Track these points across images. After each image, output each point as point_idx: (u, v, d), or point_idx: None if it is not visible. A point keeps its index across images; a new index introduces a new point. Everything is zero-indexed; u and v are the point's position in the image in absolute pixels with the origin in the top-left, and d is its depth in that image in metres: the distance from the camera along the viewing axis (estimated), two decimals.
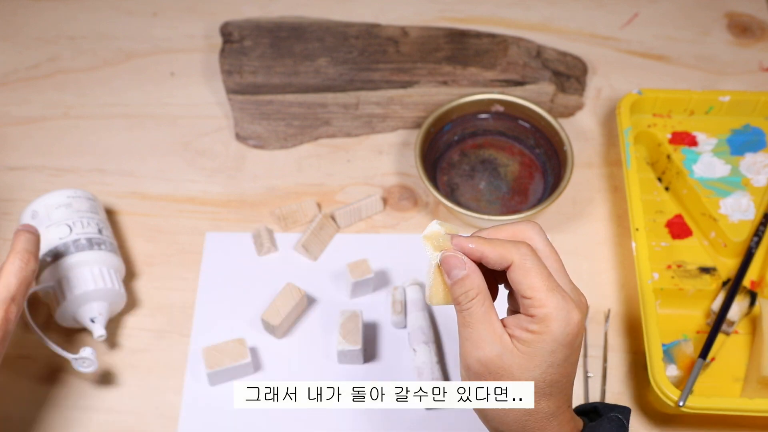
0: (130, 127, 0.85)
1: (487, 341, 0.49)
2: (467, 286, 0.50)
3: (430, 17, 0.94)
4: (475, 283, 0.50)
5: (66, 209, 0.71)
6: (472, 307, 0.50)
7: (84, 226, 0.70)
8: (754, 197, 0.77)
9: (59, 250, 0.68)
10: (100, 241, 0.70)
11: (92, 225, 0.71)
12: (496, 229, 0.53)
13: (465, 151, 0.83)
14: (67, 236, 0.69)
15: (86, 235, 0.70)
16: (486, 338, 0.49)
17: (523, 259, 0.49)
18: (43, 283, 0.68)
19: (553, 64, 0.86)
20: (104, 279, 0.68)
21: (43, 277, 0.68)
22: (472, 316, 0.50)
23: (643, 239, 0.71)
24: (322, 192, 0.81)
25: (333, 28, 0.88)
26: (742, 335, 0.72)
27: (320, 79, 0.83)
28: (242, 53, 0.85)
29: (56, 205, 0.71)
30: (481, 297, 0.50)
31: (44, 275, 0.68)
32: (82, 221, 0.70)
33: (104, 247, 0.70)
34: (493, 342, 0.49)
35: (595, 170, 0.83)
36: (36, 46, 0.91)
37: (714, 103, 0.81)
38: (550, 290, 0.49)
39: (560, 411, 0.50)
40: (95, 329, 0.68)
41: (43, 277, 0.68)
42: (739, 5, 0.96)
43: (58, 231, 0.69)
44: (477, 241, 0.50)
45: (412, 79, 0.83)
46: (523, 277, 0.49)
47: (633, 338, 0.72)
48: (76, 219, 0.70)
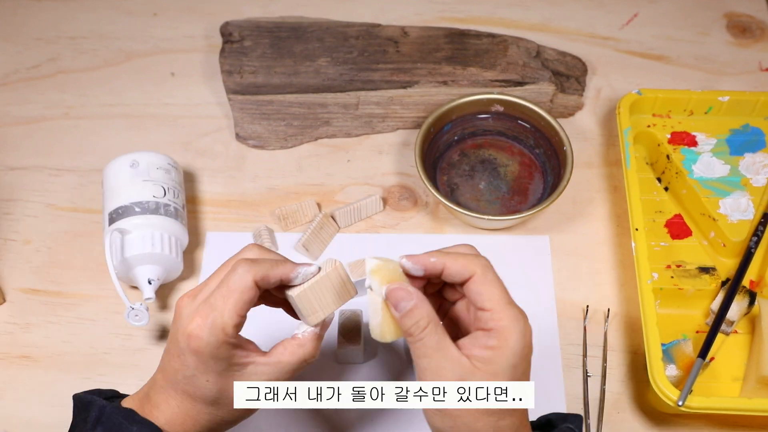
0: (130, 127, 0.85)
1: (446, 369, 0.48)
2: (417, 316, 0.49)
3: (430, 17, 0.94)
4: (425, 312, 0.49)
5: (165, 173, 0.74)
6: (425, 337, 0.49)
7: (175, 195, 0.74)
8: (754, 197, 0.77)
9: (150, 206, 0.71)
10: (182, 215, 0.74)
11: (180, 198, 0.75)
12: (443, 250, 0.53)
13: (465, 151, 0.83)
14: (161, 198, 0.72)
15: (175, 205, 0.73)
16: (445, 366, 0.48)
17: (485, 270, 0.50)
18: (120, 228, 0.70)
19: (552, 64, 0.86)
20: (171, 249, 0.71)
21: (122, 223, 0.70)
22: (426, 346, 0.49)
23: (642, 239, 0.71)
24: (322, 192, 0.81)
25: (333, 28, 0.88)
26: (742, 335, 0.72)
27: (320, 79, 0.83)
28: (242, 53, 0.85)
29: (157, 166, 0.74)
30: (433, 325, 0.49)
31: (125, 222, 0.70)
32: (175, 191, 0.74)
33: (183, 222, 0.74)
34: (453, 369, 0.48)
35: (595, 170, 0.83)
36: (36, 46, 0.91)
37: (713, 103, 0.81)
38: (508, 303, 0.49)
39: (523, 424, 0.51)
40: (147, 290, 0.70)
41: (122, 222, 0.70)
42: (739, 5, 0.96)
43: (155, 189, 0.72)
44: (437, 255, 0.51)
45: (412, 79, 0.83)
46: (485, 288, 0.49)
47: (633, 338, 0.72)
48: (171, 186, 0.74)
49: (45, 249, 0.77)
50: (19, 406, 0.69)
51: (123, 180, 0.73)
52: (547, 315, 0.73)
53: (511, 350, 0.48)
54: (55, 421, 0.67)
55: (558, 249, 0.77)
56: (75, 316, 0.73)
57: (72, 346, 0.72)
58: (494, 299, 0.49)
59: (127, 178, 0.72)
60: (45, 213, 0.79)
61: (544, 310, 0.73)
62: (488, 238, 0.78)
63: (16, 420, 0.68)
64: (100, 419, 0.52)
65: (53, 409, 0.68)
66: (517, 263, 0.76)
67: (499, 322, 0.48)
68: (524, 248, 0.77)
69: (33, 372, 0.70)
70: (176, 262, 0.72)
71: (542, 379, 0.69)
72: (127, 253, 0.69)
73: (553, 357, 0.71)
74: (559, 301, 0.74)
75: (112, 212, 0.71)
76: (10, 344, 0.72)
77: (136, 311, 0.69)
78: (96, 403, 0.53)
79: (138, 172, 0.73)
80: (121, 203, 0.71)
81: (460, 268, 0.50)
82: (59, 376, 0.70)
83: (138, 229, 0.70)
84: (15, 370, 0.70)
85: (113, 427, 0.52)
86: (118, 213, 0.71)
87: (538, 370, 0.70)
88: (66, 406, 0.67)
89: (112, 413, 0.53)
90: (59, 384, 0.70)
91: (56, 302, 0.74)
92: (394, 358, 0.70)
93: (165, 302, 0.75)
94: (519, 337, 0.48)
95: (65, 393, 0.68)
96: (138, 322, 0.69)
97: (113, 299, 0.74)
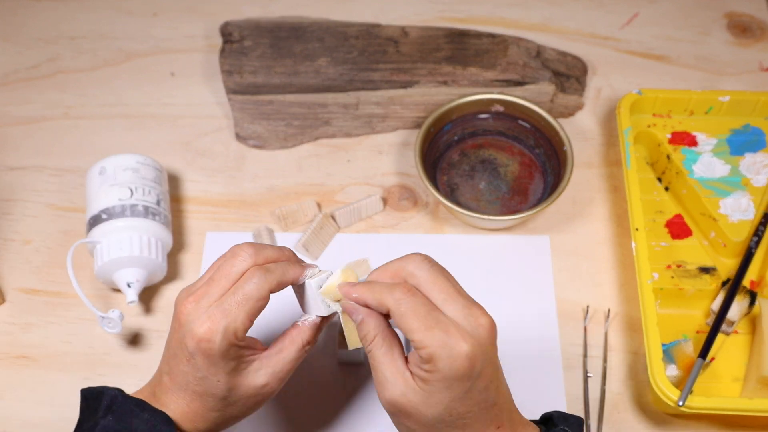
0: (130, 127, 0.85)
1: (390, 381, 0.50)
2: (364, 330, 0.52)
3: (430, 17, 0.94)
4: (371, 326, 0.51)
5: (133, 173, 0.73)
6: (373, 349, 0.51)
7: (145, 193, 0.72)
8: (754, 197, 0.77)
9: (115, 210, 0.71)
10: (155, 212, 0.72)
11: (152, 194, 0.73)
12: (382, 268, 0.53)
13: (465, 151, 0.83)
14: (127, 199, 0.71)
15: (144, 203, 0.72)
16: (389, 378, 0.50)
17: (397, 304, 0.49)
18: (92, 239, 0.70)
19: (553, 64, 0.86)
20: (149, 249, 0.70)
21: (93, 234, 0.70)
22: (374, 358, 0.51)
23: (642, 239, 0.71)
24: (322, 192, 0.81)
25: (333, 28, 0.88)
26: (742, 335, 0.72)
27: (320, 79, 0.83)
28: (242, 53, 0.85)
29: (124, 167, 0.73)
30: (379, 338, 0.51)
31: (94, 232, 0.70)
32: (144, 188, 0.73)
33: (158, 219, 0.72)
34: (395, 382, 0.50)
35: (595, 170, 0.83)
36: (36, 46, 0.91)
37: (714, 103, 0.81)
38: (429, 329, 0.48)
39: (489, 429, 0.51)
40: (129, 294, 0.69)
41: (93, 233, 0.70)
42: (739, 5, 0.96)
43: (120, 192, 0.71)
44: (360, 290, 0.52)
45: (412, 79, 0.83)
46: (401, 322, 0.49)
47: (633, 338, 0.72)
48: (139, 185, 0.72)
49: (45, 249, 0.77)
50: (18, 406, 0.69)
51: (93, 189, 0.73)
52: (548, 315, 0.73)
53: (442, 374, 0.48)
54: (54, 421, 0.67)
55: (558, 249, 0.77)
56: (75, 316, 0.73)
57: (72, 346, 0.72)
58: (412, 329, 0.48)
59: (97, 186, 0.72)
60: (45, 213, 0.79)
61: (544, 310, 0.73)
62: (488, 238, 0.78)
63: (16, 420, 0.68)
64: (111, 407, 0.53)
65: (53, 409, 0.68)
66: (517, 263, 0.76)
67: (424, 351, 0.48)
68: (524, 248, 0.77)
69: (33, 372, 0.70)
70: (155, 261, 0.71)
71: (542, 379, 0.70)
72: (101, 261, 0.69)
73: (554, 357, 0.71)
74: (560, 301, 0.74)
75: (87, 223, 0.72)
76: (10, 344, 0.72)
77: (108, 319, 0.68)
78: (107, 392, 0.54)
79: (105, 178, 0.72)
80: (92, 213, 0.71)
81: (377, 305, 0.51)
82: (59, 376, 0.70)
83: (107, 235, 0.70)
84: (14, 370, 0.70)
85: (125, 413, 0.53)
86: (90, 223, 0.71)
87: (539, 370, 0.70)
88: (66, 406, 0.68)
89: (124, 401, 0.53)
90: (59, 384, 0.70)
91: (56, 302, 0.74)
92: None
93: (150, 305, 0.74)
94: (447, 362, 0.48)
95: (65, 393, 0.69)
96: (112, 329, 0.68)
97: (113, 300, 0.74)
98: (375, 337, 0.51)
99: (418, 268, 0.51)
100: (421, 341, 0.48)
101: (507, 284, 0.75)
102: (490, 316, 0.50)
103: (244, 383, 0.54)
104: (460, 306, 0.50)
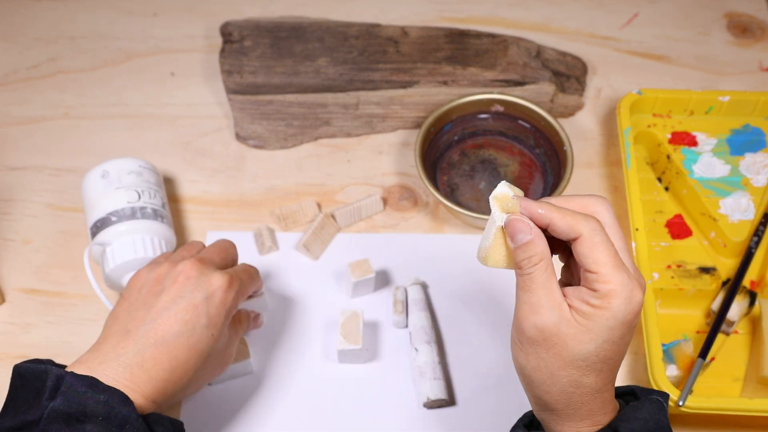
0: (130, 127, 0.85)
1: (546, 307, 0.49)
2: (531, 251, 0.49)
3: (430, 17, 0.94)
4: (539, 249, 0.49)
5: (137, 177, 0.73)
6: (534, 272, 0.49)
7: (151, 196, 0.73)
8: (754, 197, 0.77)
9: (125, 212, 0.70)
10: (162, 215, 0.73)
11: (158, 198, 0.73)
12: (564, 198, 0.51)
13: (465, 151, 0.83)
14: (136, 202, 0.71)
15: (152, 206, 0.72)
16: (545, 305, 0.49)
17: (593, 233, 0.48)
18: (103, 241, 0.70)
19: (553, 64, 0.86)
20: (160, 251, 0.70)
21: (103, 236, 0.70)
22: (533, 281, 0.49)
23: (642, 239, 0.71)
24: (322, 192, 0.81)
25: (333, 28, 0.88)
26: (742, 335, 0.72)
27: (320, 79, 0.83)
28: (242, 53, 0.85)
29: (128, 171, 0.73)
30: (544, 263, 0.49)
31: (104, 234, 0.70)
32: (150, 192, 0.73)
33: (164, 221, 0.72)
34: (551, 309, 0.48)
35: (595, 170, 0.83)
36: (36, 46, 0.91)
37: (714, 103, 0.81)
38: (616, 267, 0.48)
39: (606, 388, 0.50)
40: None
41: (102, 235, 0.70)
42: (739, 5, 0.96)
43: (128, 195, 0.71)
44: (547, 207, 0.50)
45: (412, 79, 0.83)
46: (591, 251, 0.48)
47: (633, 338, 0.72)
48: (145, 188, 0.73)
49: (45, 249, 0.77)
50: None
51: (97, 192, 0.72)
52: None
53: (612, 313, 0.48)
54: None
55: None
56: (75, 316, 0.73)
57: (72, 346, 0.72)
58: (601, 262, 0.48)
59: (101, 190, 0.72)
60: (45, 213, 0.79)
61: None
62: None
63: None
64: (57, 388, 0.50)
65: None
66: None
67: (605, 285, 0.48)
68: None
69: None
70: None
71: None
72: (113, 263, 0.69)
73: None
74: None
75: (92, 226, 0.71)
76: (10, 344, 0.72)
77: None
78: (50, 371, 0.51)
79: (109, 181, 0.72)
80: (99, 216, 0.71)
81: (566, 228, 0.49)
82: None
83: (118, 237, 0.70)
84: None
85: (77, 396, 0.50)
86: (97, 226, 0.71)
87: None
88: None
89: (73, 381, 0.50)
90: None
91: (56, 302, 0.74)
92: (395, 358, 0.70)
93: None
94: (623, 302, 0.47)
95: None
96: None
97: (113, 300, 0.74)
98: (541, 261, 0.49)
99: (607, 211, 0.51)
100: (606, 275, 0.47)
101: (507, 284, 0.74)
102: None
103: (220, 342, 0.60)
104: (631, 261, 0.50)
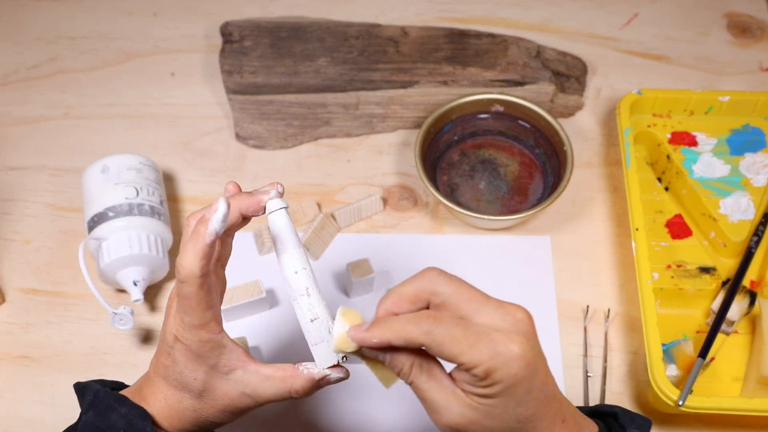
0: (130, 127, 0.85)
1: (444, 406, 0.47)
2: (397, 366, 0.47)
3: (430, 17, 0.94)
4: (402, 359, 0.47)
5: (137, 173, 0.73)
6: (414, 380, 0.47)
7: (149, 193, 0.73)
8: (754, 197, 0.77)
9: (123, 208, 0.71)
10: (160, 212, 0.73)
11: (156, 195, 0.74)
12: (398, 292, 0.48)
13: (465, 151, 0.83)
14: (134, 198, 0.71)
15: (150, 203, 0.72)
16: (442, 404, 0.47)
17: (430, 336, 0.45)
18: (98, 235, 0.70)
19: (553, 64, 0.86)
20: (156, 247, 0.71)
21: (99, 230, 0.70)
22: (418, 387, 0.47)
23: (642, 239, 0.71)
24: (322, 192, 0.81)
25: (333, 28, 0.88)
26: (742, 335, 0.72)
27: (320, 79, 0.83)
28: (242, 53, 0.85)
29: (128, 167, 0.74)
30: (416, 367, 0.47)
31: (100, 229, 0.70)
32: (149, 189, 0.73)
33: (162, 219, 0.73)
34: (450, 405, 0.47)
35: (595, 170, 0.83)
36: (36, 46, 0.91)
37: (714, 103, 0.81)
38: (473, 347, 0.44)
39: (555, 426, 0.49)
40: (135, 292, 0.70)
41: (99, 229, 0.70)
42: (739, 5, 0.96)
43: (126, 191, 0.72)
44: (378, 333, 0.47)
45: (412, 79, 0.83)
46: (441, 352, 0.45)
47: (633, 338, 0.72)
48: (143, 185, 0.73)
49: (45, 249, 0.77)
50: (19, 406, 0.69)
51: (96, 187, 0.73)
52: (548, 315, 0.73)
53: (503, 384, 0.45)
54: (55, 421, 0.67)
55: (558, 249, 0.77)
56: (75, 316, 0.73)
57: (72, 346, 0.72)
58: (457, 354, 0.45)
59: (100, 184, 0.72)
60: (45, 213, 0.79)
61: (544, 310, 0.73)
62: (488, 238, 0.78)
63: (16, 420, 0.68)
64: (93, 403, 0.54)
65: (53, 409, 0.68)
66: (517, 263, 0.76)
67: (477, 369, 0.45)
68: (524, 248, 0.77)
69: (33, 372, 0.70)
70: (160, 259, 0.71)
71: None
72: (108, 258, 0.69)
73: (554, 357, 0.71)
74: (560, 301, 0.74)
75: (89, 221, 0.72)
76: (10, 344, 0.72)
77: (120, 315, 0.68)
78: (91, 387, 0.55)
79: (109, 176, 0.73)
80: (96, 210, 0.71)
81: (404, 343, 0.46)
82: (59, 377, 0.70)
83: (114, 233, 0.70)
84: (14, 370, 0.70)
85: (105, 409, 0.53)
86: (94, 221, 0.71)
87: None
88: (66, 406, 0.68)
89: (105, 397, 0.54)
90: (59, 384, 0.70)
91: (56, 302, 0.74)
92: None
93: (154, 303, 0.74)
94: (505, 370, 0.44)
95: (65, 393, 0.69)
96: (123, 326, 0.69)
97: (113, 300, 0.74)
98: (411, 368, 0.47)
99: (439, 284, 0.47)
100: (471, 361, 0.44)
101: (507, 284, 0.75)
102: (522, 307, 0.47)
103: (221, 388, 0.52)
104: (493, 308, 0.46)
